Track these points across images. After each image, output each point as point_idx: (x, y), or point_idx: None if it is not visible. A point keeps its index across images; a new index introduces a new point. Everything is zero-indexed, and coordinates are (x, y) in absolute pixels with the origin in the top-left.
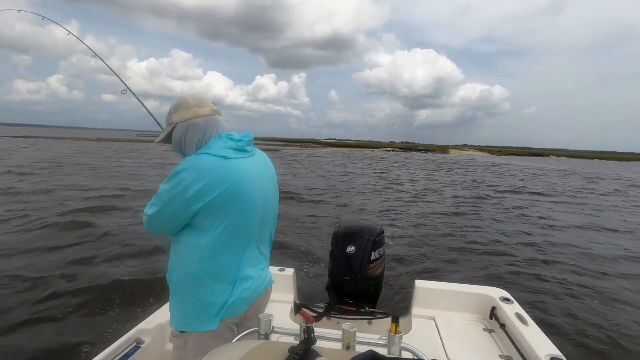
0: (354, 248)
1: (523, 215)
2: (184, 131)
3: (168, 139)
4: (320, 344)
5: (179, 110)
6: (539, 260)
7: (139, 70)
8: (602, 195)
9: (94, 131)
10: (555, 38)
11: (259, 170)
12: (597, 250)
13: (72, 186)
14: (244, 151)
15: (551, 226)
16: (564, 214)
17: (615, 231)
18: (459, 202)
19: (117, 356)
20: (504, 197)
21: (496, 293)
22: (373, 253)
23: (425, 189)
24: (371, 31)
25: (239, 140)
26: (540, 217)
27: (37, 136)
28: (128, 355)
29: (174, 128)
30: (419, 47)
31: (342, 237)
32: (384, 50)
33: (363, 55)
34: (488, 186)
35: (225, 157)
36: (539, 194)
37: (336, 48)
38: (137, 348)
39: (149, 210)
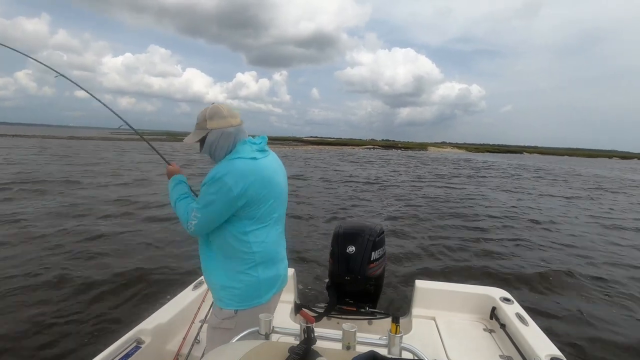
0: (354, 248)
1: (515, 211)
2: (217, 137)
3: (198, 141)
4: (320, 344)
5: (214, 118)
6: (538, 258)
7: (114, 65)
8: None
9: (66, 129)
10: (530, 39)
11: (275, 166)
12: (594, 249)
13: None
14: (264, 151)
15: (541, 222)
16: (550, 209)
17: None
18: (434, 198)
19: (117, 356)
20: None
21: (496, 293)
22: (373, 253)
23: (403, 182)
24: (353, 29)
25: (260, 143)
26: (531, 215)
27: (2, 134)
28: (128, 355)
29: (207, 133)
30: (400, 46)
31: (342, 237)
32: (365, 49)
33: (345, 53)
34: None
35: (254, 158)
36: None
37: (318, 46)
38: (137, 348)
39: (196, 214)
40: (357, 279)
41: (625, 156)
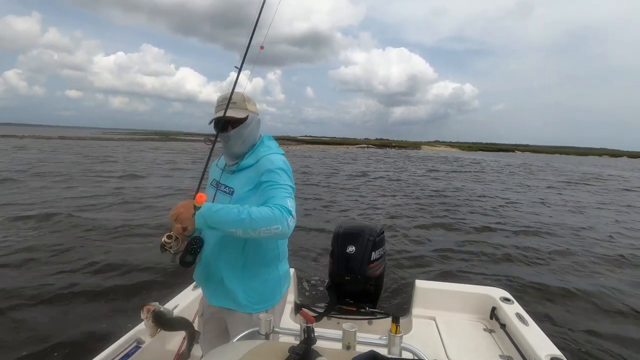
0: (354, 248)
1: (514, 209)
2: (254, 122)
3: (236, 123)
4: (320, 344)
5: (251, 102)
6: (538, 258)
7: (105, 64)
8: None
9: (57, 128)
10: (523, 38)
11: None
12: (592, 247)
13: None
14: None
15: (543, 221)
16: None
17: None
18: (433, 198)
19: (117, 356)
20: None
21: (496, 293)
22: (373, 253)
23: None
24: (347, 29)
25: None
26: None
27: None
28: (128, 355)
29: (247, 115)
30: (394, 46)
31: (342, 237)
32: (359, 48)
33: (339, 52)
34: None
35: (283, 154)
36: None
37: (312, 45)
38: (137, 348)
39: (291, 203)
40: (357, 279)
41: (614, 154)
